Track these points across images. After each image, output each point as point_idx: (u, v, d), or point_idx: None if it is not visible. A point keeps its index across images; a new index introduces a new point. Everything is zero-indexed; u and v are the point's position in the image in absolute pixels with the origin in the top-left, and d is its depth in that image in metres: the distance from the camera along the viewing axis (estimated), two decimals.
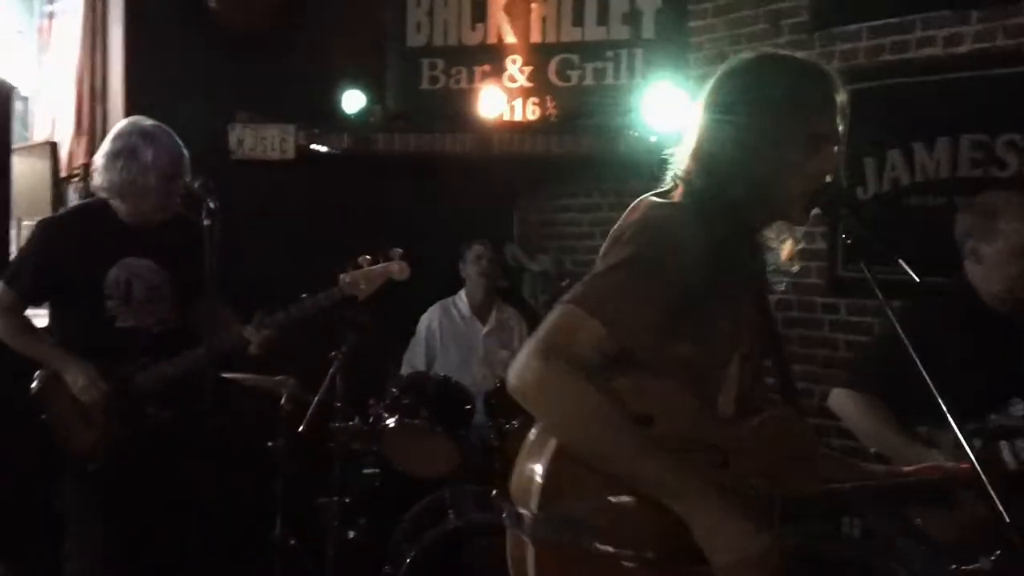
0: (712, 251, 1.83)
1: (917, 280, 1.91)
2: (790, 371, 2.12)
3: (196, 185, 3.23)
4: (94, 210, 3.52)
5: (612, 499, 1.75)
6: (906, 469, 2.23)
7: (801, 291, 4.95)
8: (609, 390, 1.73)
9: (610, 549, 1.73)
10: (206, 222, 3.12)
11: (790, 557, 1.84)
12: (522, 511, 1.77)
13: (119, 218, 3.45)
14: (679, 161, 1.99)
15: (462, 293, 5.18)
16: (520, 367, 1.73)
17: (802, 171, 1.91)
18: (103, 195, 3.46)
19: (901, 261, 1.91)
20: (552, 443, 1.76)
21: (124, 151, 3.37)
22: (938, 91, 4.44)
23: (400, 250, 3.69)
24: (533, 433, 1.84)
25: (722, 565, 1.72)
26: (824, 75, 1.95)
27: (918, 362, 1.82)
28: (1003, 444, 2.73)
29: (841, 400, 3.05)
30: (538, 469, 1.76)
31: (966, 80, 4.35)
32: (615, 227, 1.93)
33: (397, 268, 3.70)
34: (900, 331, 1.90)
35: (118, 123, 3.52)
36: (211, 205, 3.11)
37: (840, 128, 1.94)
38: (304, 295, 3.62)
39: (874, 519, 3.05)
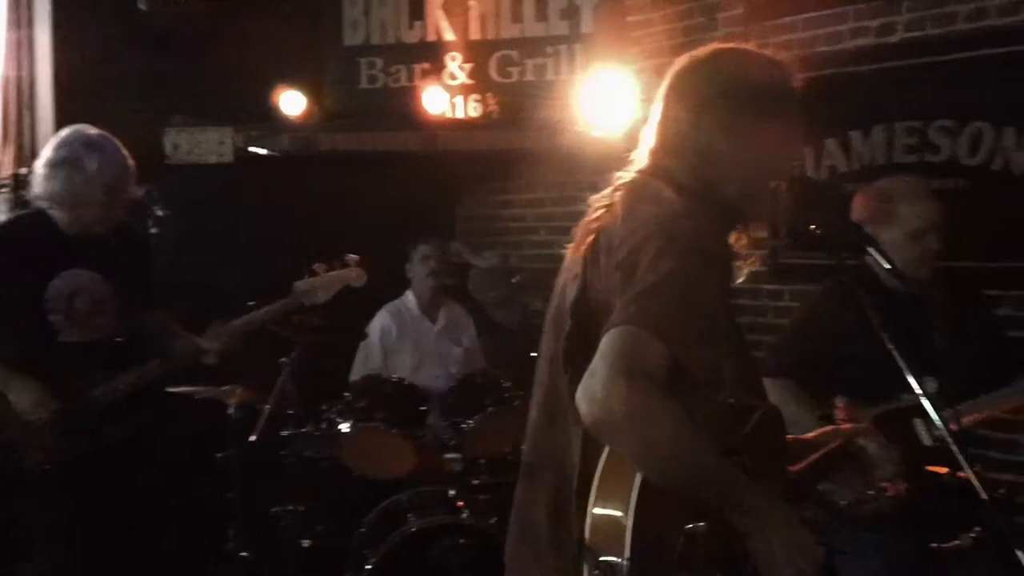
0: (723, 254, 1.86)
1: (888, 267, 1.93)
2: (756, 364, 2.14)
3: (141, 194, 3.15)
4: (33, 221, 3.42)
5: (689, 528, 1.71)
6: (806, 436, 2.26)
7: (746, 279, 5.01)
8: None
9: None
10: (153, 231, 3.05)
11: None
12: (613, 560, 1.67)
13: (59, 228, 3.36)
14: (647, 154, 1.97)
15: (409, 294, 5.14)
16: (603, 397, 1.63)
17: (777, 162, 1.95)
18: (42, 204, 3.36)
19: (871, 249, 1.94)
20: (634, 482, 1.68)
21: (68, 160, 3.28)
22: (872, 80, 4.52)
23: (356, 257, 3.67)
24: (600, 474, 1.73)
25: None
26: (785, 67, 1.98)
27: (883, 334, 1.84)
28: (917, 422, 2.80)
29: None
30: (625, 514, 1.68)
31: (899, 69, 4.43)
32: (613, 227, 1.86)
33: (354, 275, 3.67)
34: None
35: (61, 131, 3.43)
36: (158, 213, 3.04)
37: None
38: (252, 303, 3.57)
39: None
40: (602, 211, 1.93)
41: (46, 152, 3.36)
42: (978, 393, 2.88)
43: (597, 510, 1.72)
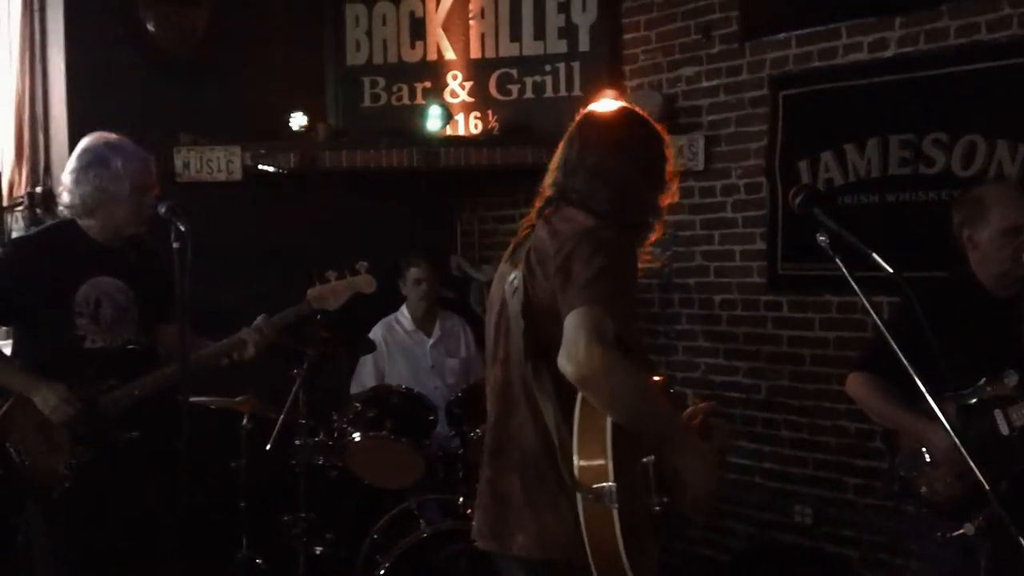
0: (632, 256, 2.39)
1: (891, 271, 2.02)
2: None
3: (163, 210, 3.21)
4: (64, 228, 3.48)
5: (644, 460, 2.21)
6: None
7: (744, 290, 5.11)
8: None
9: (654, 500, 2.20)
10: (176, 245, 3.09)
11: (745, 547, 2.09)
12: (604, 485, 2.12)
13: (89, 236, 3.44)
14: (557, 180, 2.48)
15: (404, 308, 5.21)
16: (584, 359, 2.10)
17: (659, 198, 2.52)
18: (70, 214, 3.45)
19: (875, 255, 2.04)
20: (607, 427, 2.15)
21: (94, 162, 3.36)
22: (866, 94, 4.63)
23: (366, 263, 3.73)
24: (577, 434, 2.20)
25: (705, 493, 2.24)
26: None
27: (896, 347, 1.96)
28: (997, 412, 2.97)
29: (852, 382, 3.31)
30: (605, 453, 2.15)
31: (892, 83, 4.55)
32: (543, 246, 2.33)
33: (364, 282, 3.73)
34: (877, 319, 2.04)
35: (81, 141, 3.51)
36: (181, 228, 3.09)
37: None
38: (263, 315, 3.63)
39: None
40: (527, 230, 2.46)
41: (71, 162, 3.43)
42: None
43: (582, 457, 2.18)
